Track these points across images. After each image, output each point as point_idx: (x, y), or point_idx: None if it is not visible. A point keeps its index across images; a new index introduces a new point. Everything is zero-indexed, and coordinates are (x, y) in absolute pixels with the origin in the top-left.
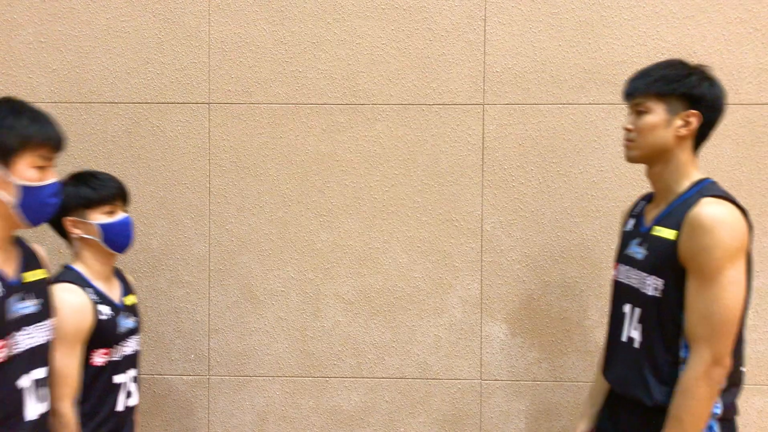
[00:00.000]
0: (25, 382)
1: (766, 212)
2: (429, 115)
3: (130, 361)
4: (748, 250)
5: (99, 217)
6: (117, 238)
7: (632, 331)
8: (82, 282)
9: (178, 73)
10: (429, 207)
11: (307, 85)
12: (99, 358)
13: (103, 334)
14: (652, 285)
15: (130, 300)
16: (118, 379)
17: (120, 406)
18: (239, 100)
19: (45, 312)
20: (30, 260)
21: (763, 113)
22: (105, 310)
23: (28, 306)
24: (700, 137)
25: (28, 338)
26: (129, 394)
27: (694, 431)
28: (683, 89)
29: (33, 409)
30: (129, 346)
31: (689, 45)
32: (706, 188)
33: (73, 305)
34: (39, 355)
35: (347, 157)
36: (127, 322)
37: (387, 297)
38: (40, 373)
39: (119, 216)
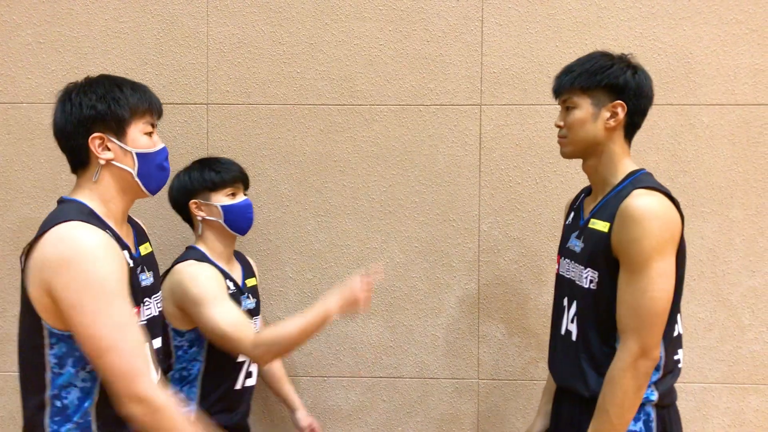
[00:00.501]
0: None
1: (762, 212)
2: (426, 116)
3: None
4: (681, 242)
5: (222, 199)
6: (238, 220)
7: (570, 324)
8: (206, 260)
9: (176, 73)
10: (426, 207)
11: (305, 85)
12: None
13: None
14: (588, 278)
15: (251, 282)
16: (242, 357)
17: (238, 385)
18: (237, 100)
19: (158, 285)
20: (140, 234)
21: (759, 114)
22: (230, 285)
23: (147, 278)
24: (631, 127)
25: (145, 309)
26: (249, 374)
27: (620, 421)
28: (606, 81)
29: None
30: None
31: (685, 46)
32: (639, 180)
33: (206, 272)
34: (155, 326)
35: (345, 157)
36: (248, 303)
37: (385, 297)
38: (156, 342)
39: (240, 198)
